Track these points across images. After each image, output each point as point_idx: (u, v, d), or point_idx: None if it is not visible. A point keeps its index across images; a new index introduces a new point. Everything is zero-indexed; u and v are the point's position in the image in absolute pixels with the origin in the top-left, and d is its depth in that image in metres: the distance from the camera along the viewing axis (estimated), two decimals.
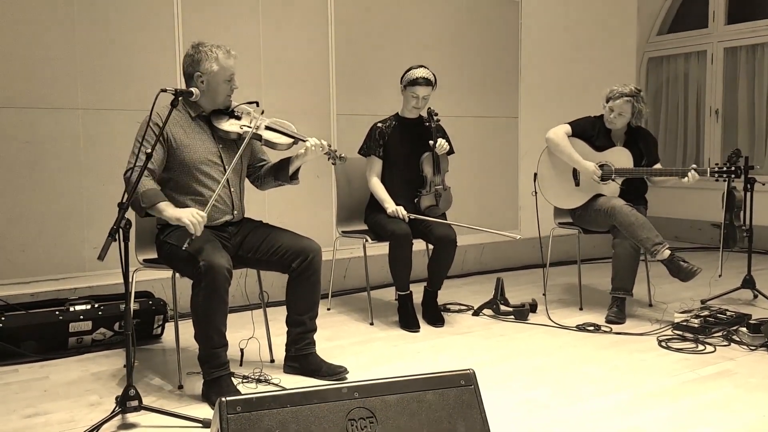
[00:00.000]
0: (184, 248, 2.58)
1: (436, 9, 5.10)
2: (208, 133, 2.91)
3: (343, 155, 3.03)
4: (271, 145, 2.93)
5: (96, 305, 3.42)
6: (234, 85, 2.92)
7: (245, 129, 2.88)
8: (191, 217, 2.60)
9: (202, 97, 2.85)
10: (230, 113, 2.94)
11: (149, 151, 2.58)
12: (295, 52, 4.51)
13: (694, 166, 3.83)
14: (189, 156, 2.83)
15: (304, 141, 2.94)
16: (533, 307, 4.03)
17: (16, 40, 3.64)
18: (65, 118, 3.79)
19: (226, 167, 2.90)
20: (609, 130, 4.04)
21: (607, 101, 3.98)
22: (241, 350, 3.11)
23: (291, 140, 2.94)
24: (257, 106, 2.97)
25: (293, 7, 4.48)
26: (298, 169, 3.03)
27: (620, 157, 3.97)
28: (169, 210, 2.65)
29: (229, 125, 2.90)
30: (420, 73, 3.79)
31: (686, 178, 3.79)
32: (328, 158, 3.02)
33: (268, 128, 2.94)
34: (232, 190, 2.96)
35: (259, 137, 2.91)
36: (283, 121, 3.02)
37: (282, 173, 3.03)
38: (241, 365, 3.07)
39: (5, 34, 3.61)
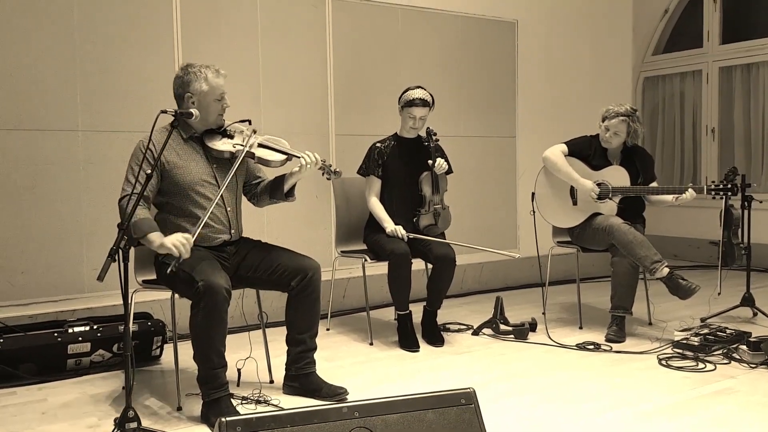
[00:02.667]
0: (168, 272, 2.57)
1: (433, 30, 5.15)
2: (201, 153, 2.92)
3: (337, 169, 3.02)
4: (265, 162, 2.92)
5: (95, 327, 3.41)
6: (225, 103, 2.92)
7: (238, 148, 2.88)
8: (175, 241, 2.59)
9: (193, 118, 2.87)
10: (223, 132, 2.94)
11: (138, 176, 2.58)
12: (294, 72, 4.55)
13: (690, 184, 3.85)
14: (183, 178, 2.83)
15: (298, 157, 2.94)
16: (533, 326, 4.02)
17: (17, 62, 3.67)
18: (65, 140, 3.80)
19: (221, 187, 2.90)
20: (605, 149, 4.06)
21: (603, 120, 4.01)
22: (239, 370, 3.10)
23: (284, 157, 2.93)
24: (249, 124, 2.97)
25: (292, 27, 4.53)
26: (293, 186, 3.03)
27: (617, 176, 3.99)
28: (157, 240, 2.64)
29: (221, 144, 2.89)
30: (417, 94, 3.82)
31: (684, 195, 3.79)
32: (323, 173, 3.01)
33: (261, 146, 2.94)
34: (228, 209, 2.95)
35: (252, 155, 2.90)
36: (277, 138, 3.02)
37: (277, 191, 3.02)
38: (238, 385, 3.05)
39: (5, 57, 3.64)
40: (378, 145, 3.96)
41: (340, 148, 4.72)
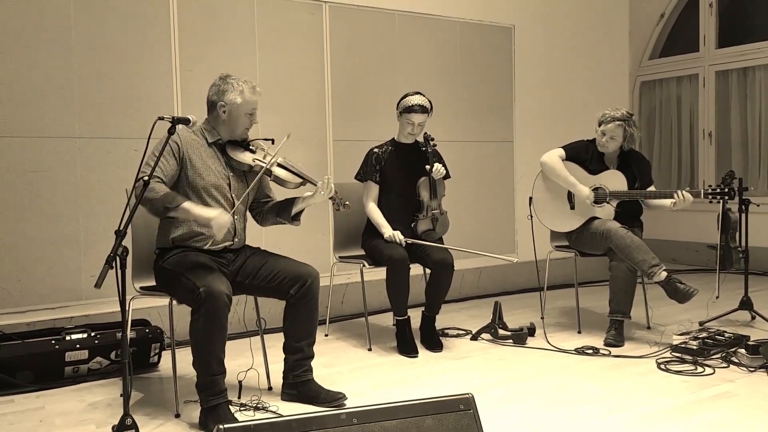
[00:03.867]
0: (206, 248, 2.80)
1: (431, 35, 5.16)
2: (221, 160, 2.96)
3: (347, 202, 3.09)
4: (281, 182, 2.98)
5: (92, 334, 3.40)
6: (254, 119, 2.98)
7: (258, 163, 2.94)
8: (220, 219, 2.69)
9: (221, 126, 2.94)
10: (245, 146, 3.00)
11: (147, 175, 2.59)
12: (291, 78, 4.55)
13: (687, 188, 3.85)
14: (199, 179, 2.86)
15: (313, 183, 2.98)
16: (531, 331, 4.01)
17: (13, 69, 3.67)
18: (62, 147, 3.80)
19: (233, 195, 2.94)
20: (602, 153, 4.07)
21: (600, 125, 4.01)
22: (239, 382, 3.08)
23: (300, 180, 2.99)
24: (272, 143, 3.02)
25: (289, 33, 4.54)
26: (301, 211, 3.05)
27: (614, 180, 3.99)
28: (196, 209, 2.71)
29: (243, 156, 2.96)
30: (416, 100, 3.82)
31: (675, 197, 3.78)
32: (333, 203, 3.06)
33: (280, 165, 2.99)
34: (235, 217, 2.97)
35: (269, 173, 2.95)
36: (295, 162, 3.07)
37: (285, 212, 3.06)
38: (239, 398, 3.04)
39: (2, 64, 3.64)
40: (375, 150, 3.96)
41: (338, 154, 4.73)
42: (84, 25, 3.84)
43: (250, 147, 3.01)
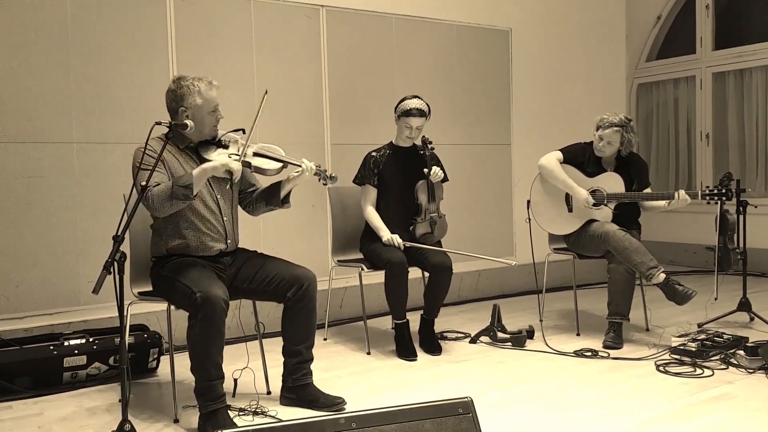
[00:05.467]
0: (229, 187, 2.89)
1: (428, 38, 5.17)
2: (197, 163, 2.91)
3: (333, 174, 3.00)
4: (261, 171, 2.92)
5: (90, 339, 3.40)
6: (219, 115, 2.93)
7: (234, 158, 2.89)
8: (233, 163, 2.72)
9: (188, 130, 2.88)
10: (217, 143, 2.95)
11: (144, 183, 2.58)
12: (289, 83, 4.56)
13: (686, 190, 3.85)
14: None
15: (294, 164, 2.94)
16: (530, 334, 4.01)
17: (11, 74, 3.66)
18: (60, 152, 3.80)
19: (217, 195, 2.92)
20: (600, 156, 4.07)
21: (597, 129, 4.01)
22: (235, 380, 3.08)
23: (280, 164, 2.93)
24: (243, 133, 2.97)
25: (286, 37, 4.54)
26: (289, 193, 3.03)
27: (612, 183, 3.99)
28: (207, 167, 2.71)
29: (216, 156, 2.89)
30: (414, 103, 3.83)
31: (675, 198, 3.79)
32: (319, 179, 3.00)
33: (256, 154, 2.93)
34: (224, 219, 2.96)
35: (248, 164, 2.90)
36: (271, 145, 3.01)
37: (273, 198, 3.03)
38: (234, 396, 3.04)
39: (0, 69, 3.64)
40: (373, 154, 3.96)
41: (336, 158, 4.73)
42: (81, 30, 3.84)
43: (223, 143, 2.95)
